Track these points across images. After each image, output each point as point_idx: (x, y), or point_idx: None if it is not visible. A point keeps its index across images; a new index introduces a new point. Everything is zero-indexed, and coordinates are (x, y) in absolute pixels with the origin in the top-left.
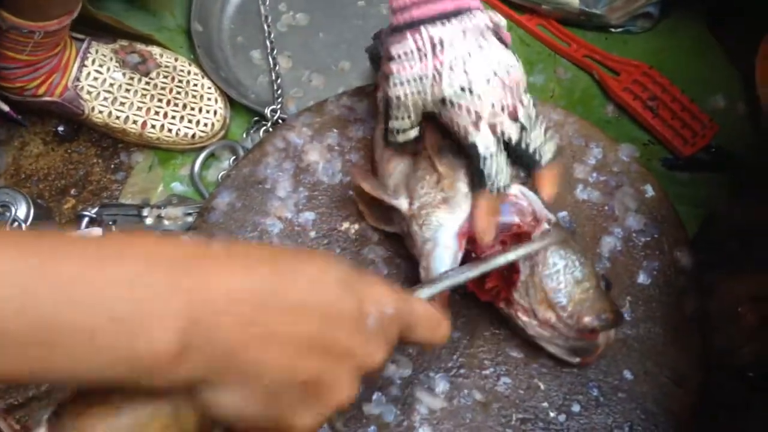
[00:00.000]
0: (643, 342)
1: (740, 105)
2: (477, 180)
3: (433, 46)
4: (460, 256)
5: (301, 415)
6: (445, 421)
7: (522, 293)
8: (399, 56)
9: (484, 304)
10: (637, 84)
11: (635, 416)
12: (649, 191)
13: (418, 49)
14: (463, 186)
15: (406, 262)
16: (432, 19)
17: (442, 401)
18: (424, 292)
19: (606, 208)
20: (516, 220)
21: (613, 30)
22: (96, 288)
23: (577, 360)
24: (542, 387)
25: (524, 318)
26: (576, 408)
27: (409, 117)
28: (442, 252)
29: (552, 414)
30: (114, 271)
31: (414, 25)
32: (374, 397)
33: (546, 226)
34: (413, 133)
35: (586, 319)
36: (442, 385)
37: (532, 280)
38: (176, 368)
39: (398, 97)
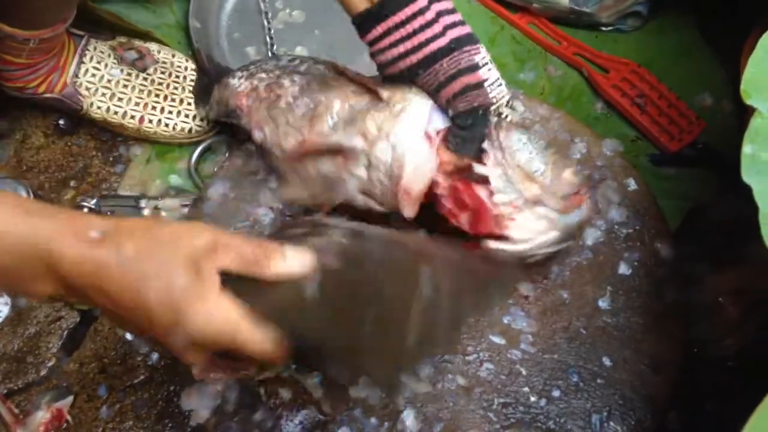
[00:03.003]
0: (623, 331)
1: (727, 102)
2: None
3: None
4: (433, 156)
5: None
6: (429, 405)
7: (501, 189)
8: (483, 64)
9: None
10: (626, 81)
11: (613, 402)
12: (632, 185)
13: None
14: (412, 95)
15: None
16: None
17: (426, 385)
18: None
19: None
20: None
21: (603, 28)
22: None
23: (569, 242)
24: (524, 372)
25: (515, 219)
26: (556, 393)
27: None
28: (416, 149)
29: (533, 398)
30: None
31: (477, 39)
32: (360, 380)
33: None
34: None
35: (566, 172)
36: (426, 370)
37: (506, 163)
38: (58, 300)
39: (495, 100)
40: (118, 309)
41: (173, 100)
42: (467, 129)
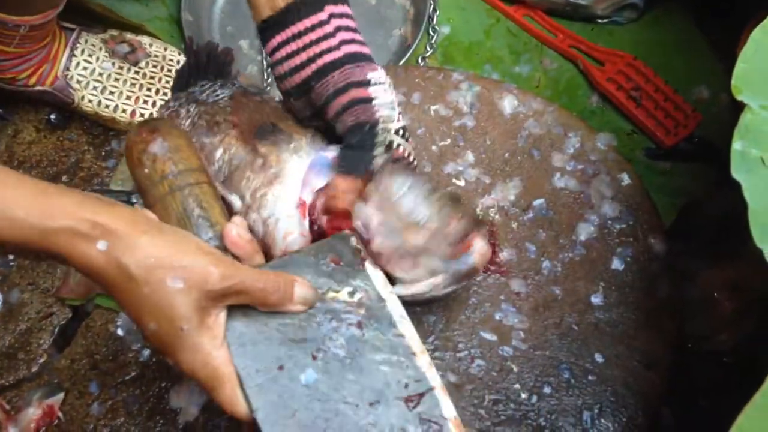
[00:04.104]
0: (615, 326)
1: (723, 96)
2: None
3: (390, 83)
4: (306, 224)
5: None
6: None
7: (385, 239)
8: (376, 82)
9: (460, 288)
10: (621, 74)
11: (605, 398)
12: (625, 179)
13: (388, 83)
14: (288, 156)
15: None
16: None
17: None
18: None
19: (582, 195)
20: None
21: (599, 21)
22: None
23: (462, 284)
24: (515, 369)
25: (401, 270)
26: (547, 390)
27: (383, 144)
28: (286, 223)
29: (524, 395)
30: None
31: (374, 61)
32: None
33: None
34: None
35: (451, 226)
36: None
37: (388, 215)
38: None
39: (383, 120)
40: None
41: (165, 94)
42: (355, 148)
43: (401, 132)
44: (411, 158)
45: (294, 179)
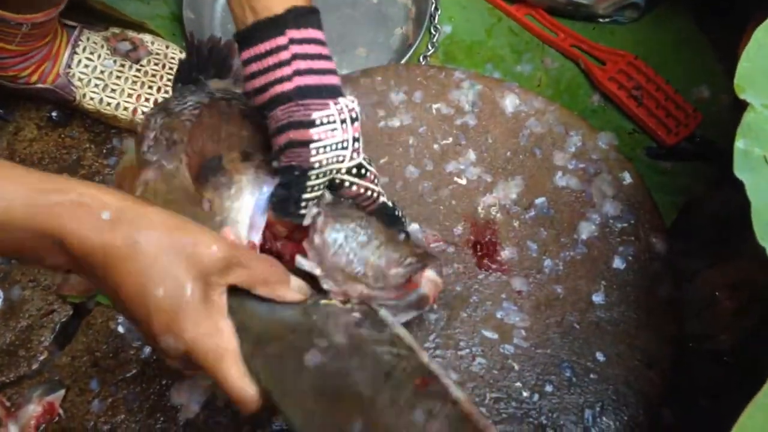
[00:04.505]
0: (617, 325)
1: (724, 95)
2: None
3: (352, 118)
4: None
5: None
6: None
7: (331, 288)
8: (322, 122)
9: (461, 287)
10: (623, 74)
11: (606, 397)
12: (627, 178)
13: (342, 120)
14: (230, 203)
15: None
16: (341, 91)
17: None
18: None
19: (584, 194)
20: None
21: (600, 20)
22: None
23: (421, 311)
24: (516, 367)
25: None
26: (549, 388)
27: (324, 185)
28: None
29: (525, 393)
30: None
31: (335, 94)
32: None
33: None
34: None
35: (392, 272)
36: None
37: (326, 266)
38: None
39: (320, 164)
40: (118, 296)
41: (167, 92)
42: (284, 188)
43: (356, 170)
44: (368, 193)
45: (241, 224)
